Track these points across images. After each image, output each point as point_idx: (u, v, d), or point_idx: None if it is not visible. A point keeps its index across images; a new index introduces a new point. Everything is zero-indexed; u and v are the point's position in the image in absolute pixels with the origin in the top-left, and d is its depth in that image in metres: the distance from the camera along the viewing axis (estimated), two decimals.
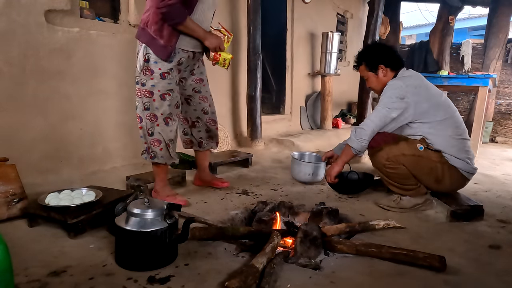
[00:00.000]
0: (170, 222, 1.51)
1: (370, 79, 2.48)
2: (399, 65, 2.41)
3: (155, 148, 2.20)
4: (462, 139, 2.29)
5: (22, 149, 2.48)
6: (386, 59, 2.39)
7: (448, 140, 2.24)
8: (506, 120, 6.33)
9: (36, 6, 2.48)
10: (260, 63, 4.24)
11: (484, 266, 1.62)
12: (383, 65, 2.39)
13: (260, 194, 2.60)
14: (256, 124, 4.30)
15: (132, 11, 3.14)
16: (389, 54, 2.42)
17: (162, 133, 2.19)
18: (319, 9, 5.86)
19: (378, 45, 2.50)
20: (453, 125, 2.28)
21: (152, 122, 2.17)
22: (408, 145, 2.27)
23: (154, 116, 2.16)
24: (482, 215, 2.19)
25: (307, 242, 1.64)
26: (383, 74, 2.41)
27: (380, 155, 2.30)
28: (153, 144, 2.20)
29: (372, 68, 2.43)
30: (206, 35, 2.17)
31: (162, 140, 2.20)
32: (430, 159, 2.24)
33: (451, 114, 2.30)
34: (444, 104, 2.32)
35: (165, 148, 2.21)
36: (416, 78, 2.37)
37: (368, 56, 2.46)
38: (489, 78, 4.21)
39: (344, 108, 6.84)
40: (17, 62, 2.43)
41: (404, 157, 2.25)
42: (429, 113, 2.25)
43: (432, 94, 2.31)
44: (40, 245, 1.68)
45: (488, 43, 6.14)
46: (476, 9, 8.33)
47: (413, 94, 2.25)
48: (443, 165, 2.24)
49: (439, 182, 2.29)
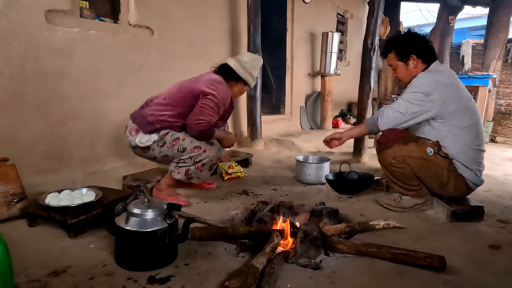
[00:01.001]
0: (170, 222, 1.51)
1: (399, 69, 2.31)
2: (432, 57, 2.26)
3: (196, 170, 2.23)
4: (478, 150, 2.19)
5: (22, 149, 2.48)
6: (419, 49, 2.23)
7: (464, 148, 2.13)
8: (506, 120, 6.33)
9: (36, 6, 2.48)
10: None
11: (484, 266, 1.62)
12: (415, 56, 2.22)
13: (260, 194, 2.60)
14: (256, 124, 4.30)
15: (132, 11, 3.14)
16: (423, 44, 2.25)
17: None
18: (319, 9, 5.87)
19: (411, 34, 2.29)
20: (474, 134, 2.16)
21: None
22: (417, 147, 2.19)
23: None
24: (483, 216, 2.19)
25: (307, 242, 1.64)
26: (413, 65, 2.24)
27: (387, 153, 2.26)
28: (197, 167, 2.21)
29: (402, 57, 2.26)
30: (224, 136, 2.39)
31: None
32: (437, 164, 2.16)
33: (476, 121, 2.17)
34: (472, 109, 2.18)
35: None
36: (449, 75, 2.20)
37: (399, 44, 2.28)
38: (489, 78, 4.22)
39: (344, 108, 6.84)
40: (17, 62, 2.43)
41: (411, 158, 2.19)
42: (454, 116, 2.12)
43: (462, 96, 2.17)
44: (40, 245, 1.68)
45: (488, 43, 6.14)
46: (476, 9, 8.33)
47: (442, 93, 2.10)
48: (450, 173, 2.17)
49: (442, 188, 2.25)
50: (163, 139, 2.20)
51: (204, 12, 3.84)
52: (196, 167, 2.18)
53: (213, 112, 2.20)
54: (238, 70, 2.35)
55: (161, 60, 3.37)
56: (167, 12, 3.40)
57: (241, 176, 2.99)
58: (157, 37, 3.32)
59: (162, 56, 3.37)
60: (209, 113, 2.18)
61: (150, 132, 2.20)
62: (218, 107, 2.22)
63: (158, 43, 3.32)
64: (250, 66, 2.38)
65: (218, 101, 2.21)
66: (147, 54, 3.25)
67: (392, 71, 2.42)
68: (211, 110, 2.19)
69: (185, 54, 3.60)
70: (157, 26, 3.29)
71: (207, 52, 3.90)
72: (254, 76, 2.41)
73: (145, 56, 3.24)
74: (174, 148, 2.19)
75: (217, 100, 2.21)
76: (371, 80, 3.78)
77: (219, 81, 2.30)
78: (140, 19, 3.17)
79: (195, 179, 2.25)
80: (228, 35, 4.24)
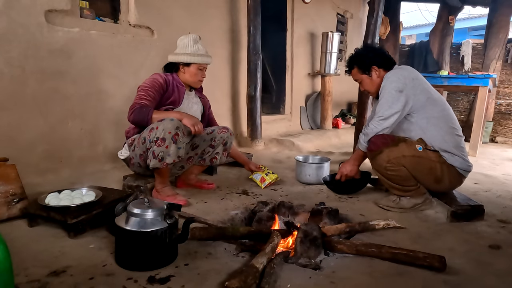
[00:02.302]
0: (170, 222, 1.51)
1: (364, 82, 2.47)
2: (391, 64, 2.42)
3: (161, 148, 2.12)
4: (457, 136, 2.31)
5: (22, 149, 2.48)
6: (378, 60, 2.39)
7: (444, 136, 2.25)
8: (506, 120, 6.33)
9: (36, 6, 2.48)
10: (260, 63, 4.24)
11: (484, 266, 1.62)
12: (376, 66, 2.39)
13: (260, 194, 2.60)
14: (256, 124, 4.30)
15: (132, 11, 3.14)
16: (380, 55, 2.42)
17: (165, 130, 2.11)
18: (319, 9, 5.87)
19: (368, 47, 2.50)
20: (449, 121, 2.30)
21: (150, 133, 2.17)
22: (407, 146, 2.26)
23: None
24: (483, 215, 2.19)
25: (307, 242, 1.64)
26: (376, 75, 2.41)
27: (381, 157, 2.28)
28: (158, 144, 2.10)
29: (365, 70, 2.42)
30: (180, 117, 2.21)
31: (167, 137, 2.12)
32: (429, 159, 2.24)
33: (447, 110, 2.33)
34: (440, 99, 2.34)
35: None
36: (412, 71, 2.37)
37: (359, 58, 2.45)
38: (489, 78, 4.21)
39: (344, 108, 6.84)
40: (17, 62, 2.43)
41: (404, 158, 2.24)
42: (427, 107, 2.26)
43: (428, 88, 2.33)
44: (40, 245, 1.68)
45: (488, 43, 6.13)
46: (476, 9, 8.33)
47: (411, 86, 2.25)
48: (441, 165, 2.24)
49: (438, 182, 2.29)
50: (133, 143, 2.31)
51: (204, 12, 3.84)
52: (158, 145, 2.10)
53: (140, 96, 2.22)
54: (171, 59, 2.44)
55: (161, 60, 3.35)
56: (167, 12, 3.41)
57: (277, 179, 2.88)
58: (157, 37, 3.32)
59: (162, 56, 3.36)
60: (136, 98, 2.24)
61: (124, 144, 2.40)
62: (146, 90, 2.25)
63: (158, 43, 3.32)
64: (181, 47, 2.42)
65: (145, 87, 2.27)
66: (147, 54, 3.26)
67: (360, 86, 2.56)
68: (138, 94, 2.25)
69: None
70: (157, 26, 3.29)
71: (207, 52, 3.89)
72: (188, 51, 2.40)
73: (145, 56, 3.25)
74: (140, 144, 2.23)
75: (143, 86, 2.27)
76: None
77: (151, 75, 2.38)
78: (140, 19, 3.17)
79: (169, 158, 2.12)
80: (228, 35, 4.24)
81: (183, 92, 2.45)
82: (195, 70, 2.44)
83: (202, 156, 2.60)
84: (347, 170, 2.50)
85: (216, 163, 2.64)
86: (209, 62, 2.48)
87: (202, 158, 2.60)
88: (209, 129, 2.59)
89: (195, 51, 2.41)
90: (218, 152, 2.58)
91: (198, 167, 2.68)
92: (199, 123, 2.24)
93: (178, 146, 2.14)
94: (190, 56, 2.40)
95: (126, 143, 2.37)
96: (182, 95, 2.45)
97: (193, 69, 2.43)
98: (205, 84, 2.70)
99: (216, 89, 4.13)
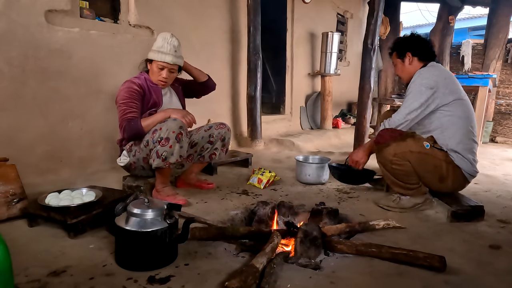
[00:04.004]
0: (170, 222, 1.51)
1: (397, 66, 2.50)
2: (429, 57, 2.40)
3: (165, 148, 2.13)
4: (473, 140, 2.29)
5: (22, 149, 2.48)
6: (415, 48, 2.39)
7: (461, 137, 2.24)
8: (506, 120, 6.33)
9: (36, 6, 2.48)
10: (260, 63, 4.24)
11: (484, 266, 1.62)
12: (410, 53, 2.39)
13: (260, 194, 2.60)
14: (256, 124, 4.30)
15: (132, 11, 3.14)
16: (420, 44, 2.41)
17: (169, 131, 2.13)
18: (319, 9, 5.86)
19: (412, 35, 2.47)
20: (469, 124, 2.28)
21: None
22: (415, 142, 2.27)
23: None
24: (483, 216, 2.19)
25: (307, 242, 1.64)
26: (408, 61, 2.40)
27: (387, 151, 2.30)
28: (162, 144, 2.12)
29: (400, 55, 2.44)
30: (168, 114, 2.22)
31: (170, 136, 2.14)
32: (436, 157, 2.24)
33: (470, 114, 2.30)
34: (466, 101, 2.32)
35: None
36: (445, 70, 2.39)
37: (399, 43, 2.48)
38: (489, 78, 4.22)
39: (344, 108, 6.84)
40: (17, 62, 2.43)
41: (411, 154, 2.25)
42: (453, 105, 2.24)
43: (458, 89, 2.31)
44: (40, 245, 1.68)
45: (488, 43, 6.13)
46: (476, 9, 8.33)
47: (442, 84, 2.24)
48: (448, 164, 2.23)
49: (442, 181, 2.28)
50: (132, 148, 2.31)
51: (204, 12, 3.84)
52: (162, 145, 2.11)
53: (123, 111, 2.21)
54: (145, 60, 2.43)
55: None
56: (167, 12, 3.41)
57: (276, 179, 2.91)
58: (157, 37, 3.31)
59: None
60: (120, 115, 2.23)
61: (121, 152, 2.40)
62: (126, 103, 2.22)
63: None
64: (152, 48, 2.38)
65: (124, 99, 2.23)
66: (147, 54, 3.25)
67: (394, 69, 2.60)
68: (121, 110, 2.22)
69: (185, 54, 3.56)
70: (157, 26, 3.29)
71: (207, 52, 3.90)
72: (153, 48, 2.36)
73: (145, 56, 3.23)
74: (142, 147, 2.24)
75: (122, 100, 2.23)
76: (371, 80, 3.79)
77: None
78: (140, 19, 3.17)
79: (172, 157, 2.14)
80: (228, 35, 4.24)
81: (159, 91, 2.40)
82: (154, 68, 2.35)
83: (201, 153, 2.60)
84: (358, 157, 2.52)
85: (216, 159, 2.64)
86: (166, 61, 2.30)
87: (201, 155, 2.60)
88: (206, 126, 2.61)
89: (158, 47, 2.32)
90: (217, 148, 2.59)
91: (198, 166, 2.68)
92: (188, 113, 2.25)
93: (181, 145, 2.16)
94: (151, 52, 2.36)
95: (125, 150, 2.37)
96: (160, 94, 2.40)
97: (153, 66, 2.35)
98: None
99: (216, 89, 4.10)
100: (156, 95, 2.38)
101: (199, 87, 2.69)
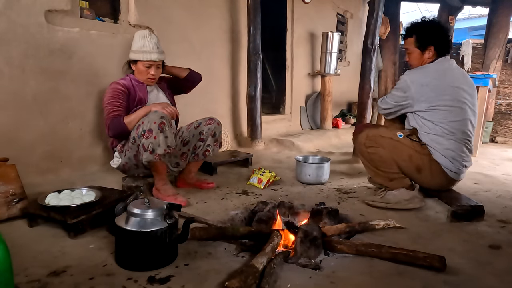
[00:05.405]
0: (170, 222, 1.51)
1: (413, 55, 2.36)
2: (446, 52, 2.33)
3: (150, 139, 2.12)
4: (457, 142, 2.25)
5: (22, 149, 2.48)
6: (439, 43, 2.28)
7: (438, 138, 2.23)
8: (506, 120, 6.33)
9: (36, 6, 2.48)
10: (260, 63, 4.24)
11: (484, 266, 1.62)
12: (433, 48, 2.28)
13: (260, 194, 2.60)
14: (256, 124, 4.30)
15: (132, 11, 3.14)
16: (444, 38, 2.29)
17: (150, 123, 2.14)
18: (319, 9, 5.86)
19: (436, 24, 2.31)
20: (455, 128, 2.23)
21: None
22: (386, 130, 2.40)
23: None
24: (483, 215, 2.19)
25: (307, 242, 1.64)
26: (428, 56, 2.30)
27: (361, 135, 2.40)
28: (146, 136, 2.13)
29: (421, 46, 2.30)
30: (149, 108, 2.24)
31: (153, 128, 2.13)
32: (408, 146, 2.27)
33: (462, 119, 2.25)
34: (457, 108, 2.24)
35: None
36: (428, 76, 2.26)
37: (422, 31, 2.30)
38: (489, 78, 4.21)
39: (344, 108, 6.84)
40: (17, 62, 2.43)
41: (382, 138, 2.31)
42: (428, 112, 2.24)
43: (437, 96, 2.22)
44: (40, 245, 1.68)
45: (488, 43, 6.13)
46: (476, 9, 8.33)
47: (415, 91, 2.25)
48: (423, 156, 2.25)
49: (419, 172, 2.29)
50: (123, 149, 2.34)
51: (204, 12, 3.84)
52: (146, 137, 2.12)
53: (108, 111, 2.26)
54: (127, 62, 2.49)
55: None
56: (167, 12, 3.40)
57: (276, 179, 2.90)
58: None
59: None
60: (105, 114, 2.28)
61: (113, 154, 2.42)
62: (111, 103, 2.27)
63: None
64: (132, 44, 2.43)
65: (109, 100, 2.29)
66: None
67: (406, 55, 2.46)
68: (106, 110, 2.28)
69: (185, 54, 3.60)
70: (157, 26, 3.29)
71: (207, 52, 3.90)
72: (134, 48, 2.39)
73: None
74: (130, 145, 2.26)
75: (108, 100, 2.29)
76: (371, 80, 3.79)
77: None
78: (140, 19, 3.17)
79: (159, 148, 2.13)
80: (228, 35, 4.24)
81: (144, 89, 2.44)
82: (141, 67, 2.39)
83: (194, 152, 2.60)
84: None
85: (210, 155, 2.62)
86: (152, 59, 2.35)
87: (195, 153, 2.60)
88: (196, 123, 2.60)
89: (139, 47, 2.36)
90: (209, 144, 2.58)
91: (194, 164, 2.68)
92: (169, 105, 2.28)
93: (165, 135, 2.15)
94: (133, 53, 2.39)
95: (116, 151, 2.39)
96: (146, 92, 2.44)
97: (140, 66, 2.40)
98: (205, 84, 2.70)
99: (216, 89, 4.13)
100: (142, 92, 2.41)
101: (183, 82, 2.71)
